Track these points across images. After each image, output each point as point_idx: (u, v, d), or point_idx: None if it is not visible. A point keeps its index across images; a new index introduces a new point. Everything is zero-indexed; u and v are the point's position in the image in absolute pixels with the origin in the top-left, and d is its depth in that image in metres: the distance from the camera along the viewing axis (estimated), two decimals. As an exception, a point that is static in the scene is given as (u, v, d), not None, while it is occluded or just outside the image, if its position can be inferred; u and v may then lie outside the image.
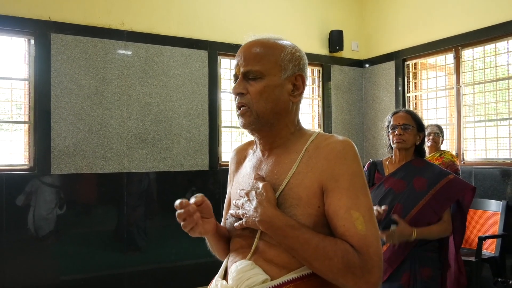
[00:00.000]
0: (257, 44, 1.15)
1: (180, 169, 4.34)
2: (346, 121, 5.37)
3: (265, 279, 1.05)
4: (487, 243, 3.72)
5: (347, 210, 1.03)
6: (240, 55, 1.16)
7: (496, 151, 4.24)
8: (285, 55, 1.14)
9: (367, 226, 1.03)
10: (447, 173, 2.30)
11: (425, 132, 2.40)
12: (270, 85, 1.12)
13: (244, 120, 1.14)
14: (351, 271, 0.99)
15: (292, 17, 5.07)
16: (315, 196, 1.06)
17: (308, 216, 1.06)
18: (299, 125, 1.21)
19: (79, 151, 3.91)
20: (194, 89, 4.44)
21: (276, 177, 1.12)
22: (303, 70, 1.18)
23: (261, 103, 1.12)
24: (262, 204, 1.06)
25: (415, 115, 2.38)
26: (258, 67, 1.12)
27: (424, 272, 2.18)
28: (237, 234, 1.17)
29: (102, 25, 4.06)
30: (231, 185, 1.31)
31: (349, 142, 1.10)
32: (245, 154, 1.30)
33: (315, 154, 1.10)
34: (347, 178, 1.05)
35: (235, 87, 1.14)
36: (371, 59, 5.44)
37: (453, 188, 2.23)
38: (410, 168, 2.32)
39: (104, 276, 3.99)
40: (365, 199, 1.06)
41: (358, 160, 1.09)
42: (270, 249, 1.08)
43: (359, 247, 1.01)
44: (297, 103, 1.19)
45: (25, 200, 3.70)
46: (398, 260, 2.19)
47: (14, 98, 3.89)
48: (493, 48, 4.27)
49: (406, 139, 2.31)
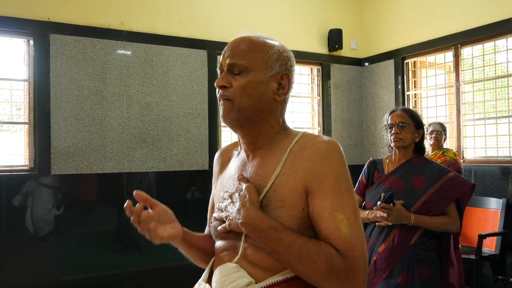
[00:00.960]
0: (246, 40, 1.15)
1: (180, 169, 4.34)
2: (345, 119, 5.37)
3: (249, 282, 1.03)
4: (487, 241, 3.73)
5: (331, 212, 1.01)
6: (227, 49, 1.15)
7: (496, 149, 4.24)
8: (272, 53, 1.13)
9: (352, 228, 1.00)
10: (447, 171, 2.29)
11: (424, 129, 2.38)
12: (254, 81, 1.10)
13: (225, 110, 1.12)
14: (335, 275, 0.97)
15: (291, 16, 5.07)
16: (300, 198, 1.04)
17: (292, 218, 1.03)
18: (284, 125, 1.18)
19: (79, 151, 3.91)
20: (194, 89, 4.44)
21: (260, 179, 1.09)
22: (290, 71, 1.16)
23: (244, 98, 1.10)
24: (245, 206, 1.04)
25: (412, 113, 2.36)
26: (243, 61, 1.10)
27: (422, 271, 2.17)
28: (221, 237, 1.15)
29: (101, 26, 4.06)
30: (215, 187, 1.28)
31: (334, 143, 1.08)
32: (229, 156, 1.28)
33: (300, 154, 1.07)
34: (332, 179, 1.03)
35: (218, 80, 1.12)
36: (370, 57, 5.43)
37: (452, 186, 2.22)
38: (410, 166, 2.32)
39: (104, 276, 3.99)
40: (350, 201, 1.03)
41: (343, 161, 1.06)
42: (255, 251, 1.06)
43: (344, 250, 0.98)
44: (282, 103, 1.17)
45: (25, 201, 3.70)
46: (396, 258, 2.18)
47: (14, 99, 3.89)
48: (493, 46, 4.27)
49: (403, 138, 2.30)
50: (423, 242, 2.23)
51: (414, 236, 2.22)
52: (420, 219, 2.18)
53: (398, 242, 2.19)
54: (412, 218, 2.16)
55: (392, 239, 2.21)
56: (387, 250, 2.20)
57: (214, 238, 1.20)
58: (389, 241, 2.21)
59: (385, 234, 2.25)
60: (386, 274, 2.18)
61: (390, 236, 2.22)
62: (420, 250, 2.21)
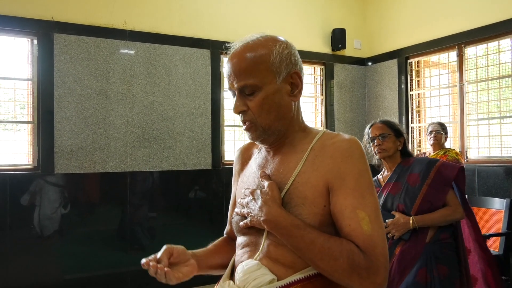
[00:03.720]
0: (243, 54, 1.10)
1: (183, 168, 4.34)
2: (348, 119, 5.36)
3: (272, 279, 1.04)
4: (491, 241, 3.71)
5: (353, 210, 1.02)
6: (229, 67, 1.12)
7: (499, 149, 4.22)
8: (274, 58, 1.09)
9: (373, 226, 1.01)
10: (434, 161, 2.35)
11: (404, 136, 2.45)
12: (268, 95, 1.09)
13: (252, 134, 1.14)
14: (357, 271, 0.98)
15: (295, 16, 5.06)
16: (321, 195, 1.05)
17: (313, 215, 1.04)
18: (303, 123, 1.19)
19: (82, 150, 3.92)
20: (197, 88, 4.44)
21: (281, 176, 1.11)
22: (297, 66, 1.13)
23: (264, 116, 1.10)
24: (267, 204, 1.05)
25: (390, 123, 2.44)
26: (252, 81, 1.08)
27: (441, 269, 2.18)
28: (243, 233, 1.16)
29: (104, 25, 4.07)
30: (236, 184, 1.30)
31: (355, 141, 1.09)
32: (250, 153, 1.29)
33: (321, 152, 1.09)
34: (353, 177, 1.04)
35: (235, 106, 1.12)
36: (373, 57, 5.42)
37: (443, 173, 2.26)
38: (401, 169, 2.38)
39: (107, 275, 4.01)
40: (371, 199, 1.04)
41: (364, 159, 1.07)
42: (277, 249, 1.07)
43: (365, 247, 1.00)
44: (298, 101, 1.17)
45: (29, 200, 3.72)
46: (414, 258, 2.19)
47: (18, 98, 3.91)
48: (497, 45, 4.25)
49: (386, 148, 2.38)
50: (440, 239, 2.25)
51: (428, 234, 2.23)
52: (420, 219, 2.20)
53: (412, 242, 2.21)
54: (411, 221, 2.20)
55: (405, 241, 2.23)
56: (403, 251, 2.22)
57: (236, 233, 1.21)
58: (403, 242, 2.23)
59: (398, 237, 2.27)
60: (405, 275, 2.19)
61: None
62: (437, 247, 2.23)
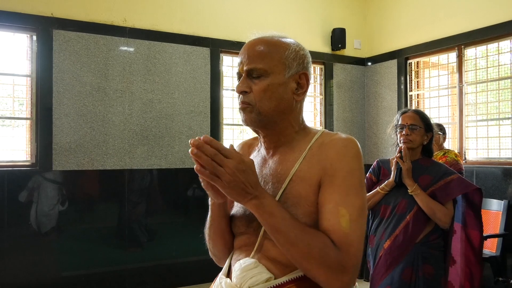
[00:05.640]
0: (261, 42, 1.13)
1: (182, 166, 4.34)
2: (348, 119, 5.36)
3: (269, 278, 1.05)
4: (488, 242, 3.72)
5: (335, 206, 1.02)
6: (243, 53, 1.14)
7: (498, 150, 4.23)
8: (289, 53, 1.12)
9: (352, 225, 1.01)
10: (451, 172, 2.31)
11: (433, 132, 2.40)
12: (274, 84, 1.10)
13: (246, 115, 1.12)
14: (326, 264, 0.98)
15: (295, 15, 5.06)
16: (314, 193, 1.06)
17: (309, 214, 1.05)
18: (304, 124, 1.20)
19: (80, 147, 3.91)
20: (196, 87, 4.44)
21: (279, 176, 1.12)
22: (307, 69, 1.16)
23: (265, 102, 1.10)
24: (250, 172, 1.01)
25: (423, 115, 2.39)
26: (262, 65, 1.10)
27: (426, 269, 2.18)
28: (240, 232, 1.17)
29: (104, 22, 4.06)
30: None
31: (352, 140, 1.09)
32: (250, 151, 1.29)
33: (318, 152, 1.10)
34: (343, 174, 1.04)
35: (238, 85, 1.12)
36: (373, 57, 5.42)
37: (453, 186, 2.25)
38: (418, 166, 2.34)
39: (105, 273, 4.00)
40: (355, 198, 1.04)
41: (358, 159, 1.08)
42: (274, 247, 1.07)
43: (340, 244, 1.00)
44: (301, 102, 1.18)
45: (27, 196, 3.71)
46: (402, 255, 2.20)
47: (16, 94, 3.89)
48: (496, 47, 4.26)
49: (413, 139, 2.33)
50: (430, 240, 2.25)
51: (421, 234, 2.24)
52: (422, 192, 2.22)
53: (404, 239, 2.21)
54: (414, 187, 2.23)
55: (396, 235, 2.24)
56: (392, 246, 2.22)
57: (233, 233, 1.20)
58: (394, 238, 2.24)
59: (390, 230, 2.27)
60: (391, 270, 2.19)
61: (395, 232, 2.25)
62: (425, 248, 2.23)
